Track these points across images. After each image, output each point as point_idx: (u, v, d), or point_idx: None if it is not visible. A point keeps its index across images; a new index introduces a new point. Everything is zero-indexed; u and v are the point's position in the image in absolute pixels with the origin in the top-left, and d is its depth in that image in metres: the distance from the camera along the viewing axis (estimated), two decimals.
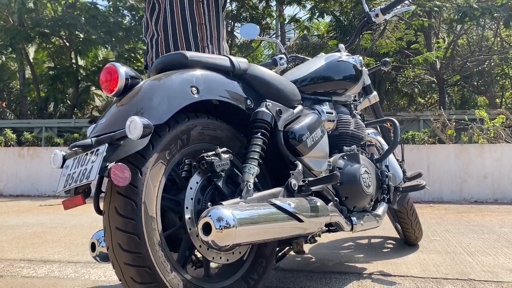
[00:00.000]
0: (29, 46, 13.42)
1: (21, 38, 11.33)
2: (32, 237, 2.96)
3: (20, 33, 11.18)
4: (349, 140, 2.04)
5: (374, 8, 2.41)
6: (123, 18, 13.40)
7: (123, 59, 13.19)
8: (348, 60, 2.17)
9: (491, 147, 5.15)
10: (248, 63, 1.63)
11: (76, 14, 11.51)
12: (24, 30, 11.23)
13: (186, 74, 1.41)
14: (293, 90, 1.77)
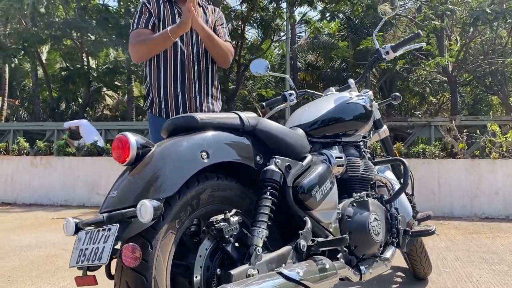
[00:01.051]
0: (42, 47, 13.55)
1: (34, 41, 11.44)
2: (45, 262, 3.01)
3: (32, 37, 11.29)
4: (359, 184, 2.04)
5: (385, 45, 2.40)
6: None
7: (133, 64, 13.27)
8: (358, 102, 2.16)
9: (503, 162, 5.10)
10: (257, 118, 1.64)
11: (87, 17, 11.60)
12: (37, 34, 11.33)
13: (196, 138, 1.42)
14: (302, 142, 1.77)
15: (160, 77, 2.23)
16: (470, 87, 18.80)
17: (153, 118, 2.25)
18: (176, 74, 2.22)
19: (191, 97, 2.23)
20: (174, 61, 2.22)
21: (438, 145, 5.57)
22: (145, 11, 2.24)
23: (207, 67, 2.30)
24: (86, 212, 5.59)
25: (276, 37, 14.08)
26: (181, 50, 2.23)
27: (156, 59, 2.23)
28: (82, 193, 6.17)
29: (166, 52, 2.21)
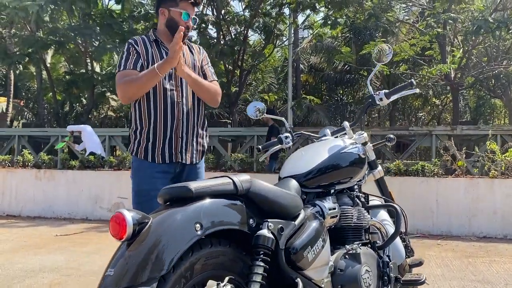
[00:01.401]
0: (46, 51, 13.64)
1: (38, 47, 11.52)
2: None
3: (37, 43, 11.36)
4: (352, 233, 2.10)
5: (379, 92, 2.44)
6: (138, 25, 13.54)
7: None
8: (351, 151, 2.21)
9: (502, 182, 5.14)
10: (250, 181, 1.68)
11: (91, 23, 11.66)
12: (41, 40, 11.41)
13: (190, 210, 1.48)
14: (294, 201, 1.82)
15: (151, 119, 2.25)
16: (473, 90, 18.76)
17: (137, 162, 2.28)
18: (166, 115, 2.25)
19: (178, 137, 2.26)
20: (164, 102, 2.25)
21: (437, 163, 5.61)
22: (133, 52, 2.24)
23: (194, 107, 2.34)
24: (89, 227, 5.68)
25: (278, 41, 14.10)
26: (170, 91, 2.26)
27: (146, 101, 2.25)
28: (86, 207, 6.26)
29: (156, 94, 2.24)
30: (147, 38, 2.32)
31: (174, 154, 2.25)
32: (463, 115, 22.19)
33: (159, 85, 2.23)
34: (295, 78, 19.09)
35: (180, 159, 2.27)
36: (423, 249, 4.52)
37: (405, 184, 5.40)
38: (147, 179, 2.23)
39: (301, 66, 20.07)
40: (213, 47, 11.66)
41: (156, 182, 2.19)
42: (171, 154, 2.25)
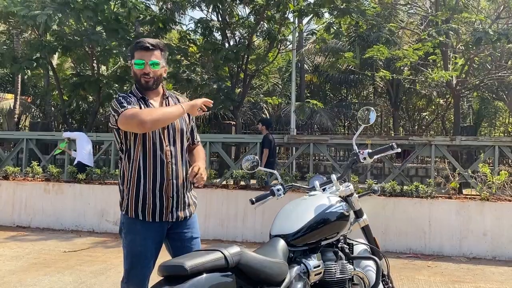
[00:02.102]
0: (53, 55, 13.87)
1: (46, 52, 11.75)
2: None
3: (44, 48, 11.59)
4: (335, 287, 2.31)
5: (363, 151, 2.64)
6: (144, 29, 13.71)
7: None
8: (336, 210, 2.41)
9: (492, 205, 5.33)
10: (240, 253, 1.88)
11: (98, 30, 11.87)
12: (49, 45, 11.62)
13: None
14: (280, 269, 2.04)
15: (140, 178, 2.29)
16: (476, 92, 18.81)
17: (128, 221, 2.32)
18: (156, 175, 2.29)
19: (168, 196, 2.31)
20: (153, 163, 2.29)
21: (431, 184, 5.79)
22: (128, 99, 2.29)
23: (183, 165, 2.40)
24: (96, 241, 5.94)
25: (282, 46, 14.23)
26: (160, 151, 2.31)
27: (137, 159, 2.29)
28: (92, 220, 6.51)
29: (145, 153, 2.29)
30: (133, 96, 2.35)
31: (165, 214, 2.31)
32: (467, 117, 22.25)
33: (149, 144, 2.29)
34: (300, 79, 19.24)
35: (171, 218, 2.33)
36: (414, 272, 4.73)
37: (399, 204, 5.61)
38: (139, 241, 2.29)
39: (305, 66, 20.20)
40: (218, 52, 11.85)
41: (148, 242, 2.28)
42: (162, 213, 2.31)
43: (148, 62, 2.32)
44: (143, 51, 2.33)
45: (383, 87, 20.74)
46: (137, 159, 2.30)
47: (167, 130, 2.35)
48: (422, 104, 22.36)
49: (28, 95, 23.40)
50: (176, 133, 2.39)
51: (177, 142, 2.38)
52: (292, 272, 2.15)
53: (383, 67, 16.09)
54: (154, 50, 2.34)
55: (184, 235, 2.40)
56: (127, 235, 2.32)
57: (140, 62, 2.32)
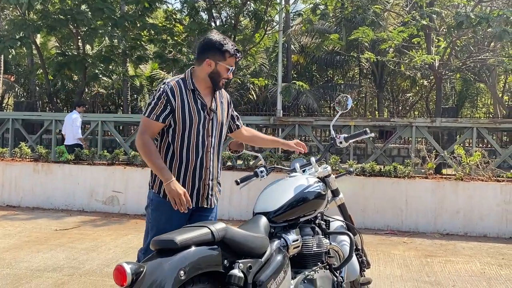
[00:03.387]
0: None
1: (30, 32, 11.65)
2: None
3: (28, 27, 11.48)
4: (311, 259, 2.54)
5: (339, 135, 2.85)
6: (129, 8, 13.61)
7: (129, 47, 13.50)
8: (314, 190, 2.62)
9: (465, 185, 5.63)
10: (225, 229, 2.09)
11: (83, 9, 11.77)
12: (33, 25, 11.51)
13: (175, 259, 1.88)
14: (262, 243, 2.25)
15: (182, 166, 2.42)
16: (459, 74, 19.13)
17: (158, 200, 2.45)
18: (196, 163, 2.44)
19: (205, 184, 2.48)
20: (196, 152, 2.43)
21: (409, 163, 6.06)
22: (163, 102, 2.35)
23: (219, 155, 2.56)
24: (86, 220, 6.11)
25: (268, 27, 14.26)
26: (203, 140, 2.43)
27: (179, 147, 2.41)
28: (82, 199, 6.67)
29: (189, 143, 2.41)
30: (183, 85, 2.42)
31: (200, 200, 2.49)
32: (450, 98, 22.66)
33: (193, 134, 2.40)
34: (286, 60, 19.30)
35: (206, 204, 2.51)
36: (390, 247, 5.03)
37: (378, 184, 5.87)
38: (165, 219, 2.43)
39: (292, 47, 20.24)
40: (204, 32, 11.87)
41: (173, 222, 2.40)
42: (198, 200, 2.48)
43: (232, 69, 2.46)
44: (233, 58, 2.43)
45: (369, 68, 20.96)
46: (178, 146, 2.41)
47: (211, 122, 2.46)
48: (407, 86, 22.66)
49: (11, 73, 23.07)
50: (218, 125, 2.51)
51: (216, 133, 2.50)
52: (273, 245, 2.36)
53: (369, 48, 16.27)
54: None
55: (206, 218, 2.57)
56: (154, 212, 2.46)
57: (231, 68, 2.45)
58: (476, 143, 14.90)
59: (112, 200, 6.58)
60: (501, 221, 5.52)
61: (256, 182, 2.93)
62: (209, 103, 2.48)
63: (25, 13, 12.02)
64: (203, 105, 2.45)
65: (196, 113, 2.42)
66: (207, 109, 2.47)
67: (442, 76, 12.99)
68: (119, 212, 6.59)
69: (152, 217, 2.48)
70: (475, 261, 4.56)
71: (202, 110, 2.44)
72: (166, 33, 13.02)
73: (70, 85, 19.84)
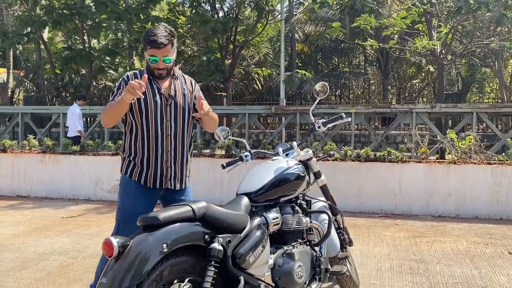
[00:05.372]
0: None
1: (36, 27, 11.92)
2: (59, 273, 3.78)
3: (35, 23, 11.75)
4: (291, 236, 2.73)
5: (317, 120, 3.02)
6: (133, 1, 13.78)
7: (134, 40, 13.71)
8: (293, 171, 2.80)
9: (457, 168, 5.77)
10: (206, 207, 2.29)
11: (87, 4, 12.00)
12: (39, 20, 11.77)
13: (158, 234, 2.09)
14: (241, 219, 2.44)
15: (144, 149, 2.61)
16: (464, 59, 19.06)
17: (126, 181, 2.66)
18: (157, 147, 2.62)
19: (167, 166, 2.65)
20: (155, 136, 2.60)
21: (403, 148, 6.21)
22: (123, 87, 2.50)
23: (183, 137, 2.70)
24: (91, 208, 6.38)
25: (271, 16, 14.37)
26: (161, 124, 2.60)
27: (140, 132, 2.59)
28: (88, 188, 6.94)
29: (148, 127, 2.58)
30: (139, 74, 2.61)
31: (164, 182, 2.65)
32: (455, 83, 22.57)
33: (150, 118, 2.58)
34: (290, 49, 19.37)
35: (170, 186, 2.67)
36: (382, 229, 5.21)
37: (372, 168, 6.04)
38: (131, 201, 2.64)
39: (296, 36, 20.28)
40: (206, 24, 12.03)
41: (139, 203, 2.60)
42: (162, 181, 2.64)
43: (161, 58, 2.53)
44: (155, 48, 2.50)
45: (373, 55, 20.94)
46: (140, 129, 2.59)
47: (169, 107, 2.62)
48: (412, 72, 22.60)
49: (21, 68, 23.45)
50: (179, 110, 2.67)
51: (178, 118, 2.65)
52: (253, 223, 2.55)
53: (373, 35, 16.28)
54: (166, 45, 2.51)
55: (179, 201, 2.73)
56: (122, 195, 2.68)
57: (154, 59, 2.54)
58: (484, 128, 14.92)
59: (116, 188, 6.81)
60: (492, 202, 5.66)
61: (243, 166, 3.12)
62: (168, 90, 2.64)
63: (32, 8, 12.27)
64: (159, 90, 2.60)
65: (152, 99, 2.58)
66: (165, 95, 2.63)
67: (444, 62, 13.02)
68: None
69: (120, 201, 2.68)
70: (463, 240, 4.73)
71: (159, 95, 2.60)
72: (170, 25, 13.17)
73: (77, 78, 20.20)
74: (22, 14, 12.85)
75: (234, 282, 2.33)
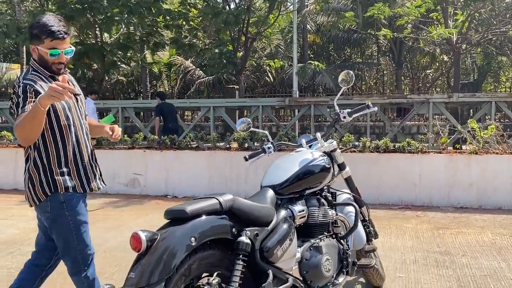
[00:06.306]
0: None
1: None
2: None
3: None
4: (317, 229, 2.68)
5: (343, 111, 2.95)
6: None
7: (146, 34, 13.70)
8: (318, 163, 2.74)
9: (478, 158, 5.65)
10: (233, 199, 2.24)
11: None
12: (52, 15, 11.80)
13: (187, 227, 2.05)
14: (268, 212, 2.39)
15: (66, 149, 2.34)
16: (480, 48, 18.73)
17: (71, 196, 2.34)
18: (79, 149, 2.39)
19: (90, 164, 2.47)
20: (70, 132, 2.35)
21: (423, 139, 6.10)
22: (31, 92, 2.18)
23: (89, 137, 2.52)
24: (109, 202, 6.39)
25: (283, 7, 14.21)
26: (74, 122, 2.36)
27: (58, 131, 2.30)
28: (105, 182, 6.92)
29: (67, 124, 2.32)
30: (41, 75, 2.29)
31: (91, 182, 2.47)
32: (470, 73, 22.21)
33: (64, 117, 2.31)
34: (302, 40, 19.22)
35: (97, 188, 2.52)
36: (403, 221, 5.13)
37: (391, 159, 5.94)
38: (83, 211, 2.42)
39: (308, 27, 20.10)
40: (218, 16, 11.95)
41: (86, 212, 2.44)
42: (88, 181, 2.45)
43: (63, 51, 2.27)
44: (57, 40, 2.24)
45: (387, 45, 20.67)
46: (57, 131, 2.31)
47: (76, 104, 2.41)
48: (426, 62, 22.30)
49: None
50: (83, 107, 2.48)
51: (83, 115, 2.47)
52: (279, 215, 2.50)
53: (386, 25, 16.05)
54: (67, 36, 2.29)
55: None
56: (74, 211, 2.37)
57: (56, 52, 2.25)
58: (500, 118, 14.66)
59: (133, 182, 6.84)
60: None
61: (265, 158, 3.07)
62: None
63: (44, 4, 12.30)
64: None
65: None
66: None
67: (461, 51, 12.78)
68: (140, 194, 6.85)
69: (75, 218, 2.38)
70: (487, 232, 4.63)
71: None
72: (181, 18, 13.13)
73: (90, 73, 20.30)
74: (35, 9, 12.91)
75: (262, 276, 2.28)
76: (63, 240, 2.44)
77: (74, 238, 2.42)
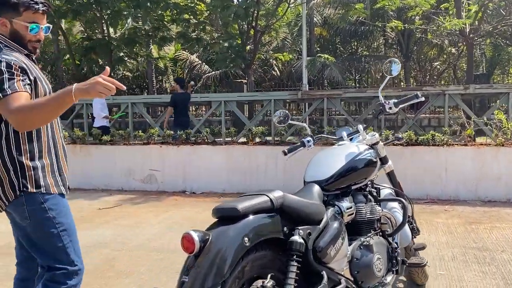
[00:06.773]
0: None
1: (56, 17, 11.79)
2: (106, 267, 3.64)
3: (55, 13, 11.60)
4: (366, 226, 2.54)
5: (388, 101, 2.79)
6: None
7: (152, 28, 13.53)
8: (365, 157, 2.59)
9: (506, 150, 5.49)
10: (283, 196, 2.09)
11: None
12: (59, 10, 11.64)
13: (239, 226, 1.90)
14: (318, 209, 2.25)
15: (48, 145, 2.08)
16: (490, 39, 18.49)
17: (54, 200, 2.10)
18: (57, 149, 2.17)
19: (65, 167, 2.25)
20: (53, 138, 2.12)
21: (447, 131, 5.94)
22: (16, 69, 1.85)
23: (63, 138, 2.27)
24: (125, 199, 6.26)
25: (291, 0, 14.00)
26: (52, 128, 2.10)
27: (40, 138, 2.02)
28: (120, 179, 6.82)
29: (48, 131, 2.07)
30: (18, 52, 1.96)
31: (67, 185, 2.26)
32: (479, 64, 21.96)
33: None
34: (309, 32, 18.99)
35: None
36: (432, 215, 4.98)
37: (415, 153, 5.79)
38: (70, 215, 2.21)
39: (314, 20, 19.87)
40: (227, 9, 11.76)
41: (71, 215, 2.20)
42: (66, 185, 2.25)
43: (43, 27, 2.01)
44: (38, 13, 1.96)
45: (394, 37, 20.44)
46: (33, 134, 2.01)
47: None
48: (434, 54, 22.07)
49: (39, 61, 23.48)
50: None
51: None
52: (328, 213, 2.36)
53: (394, 17, 15.83)
54: (48, 11, 2.03)
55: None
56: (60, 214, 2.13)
57: (36, 27, 1.97)
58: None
59: (150, 178, 6.70)
60: None
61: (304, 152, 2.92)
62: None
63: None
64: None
65: (46, 85, 2.03)
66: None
67: (473, 42, 12.58)
68: (157, 190, 6.72)
69: (65, 222, 2.14)
70: None
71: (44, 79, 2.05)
72: (189, 12, 12.95)
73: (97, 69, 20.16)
74: None
75: (316, 278, 2.15)
76: (45, 249, 2.06)
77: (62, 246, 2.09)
